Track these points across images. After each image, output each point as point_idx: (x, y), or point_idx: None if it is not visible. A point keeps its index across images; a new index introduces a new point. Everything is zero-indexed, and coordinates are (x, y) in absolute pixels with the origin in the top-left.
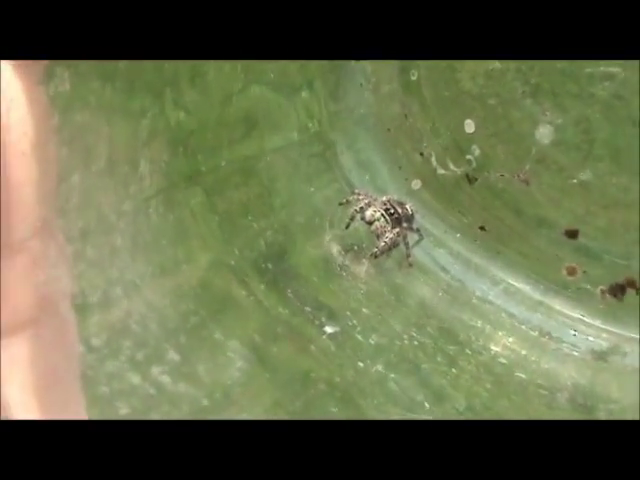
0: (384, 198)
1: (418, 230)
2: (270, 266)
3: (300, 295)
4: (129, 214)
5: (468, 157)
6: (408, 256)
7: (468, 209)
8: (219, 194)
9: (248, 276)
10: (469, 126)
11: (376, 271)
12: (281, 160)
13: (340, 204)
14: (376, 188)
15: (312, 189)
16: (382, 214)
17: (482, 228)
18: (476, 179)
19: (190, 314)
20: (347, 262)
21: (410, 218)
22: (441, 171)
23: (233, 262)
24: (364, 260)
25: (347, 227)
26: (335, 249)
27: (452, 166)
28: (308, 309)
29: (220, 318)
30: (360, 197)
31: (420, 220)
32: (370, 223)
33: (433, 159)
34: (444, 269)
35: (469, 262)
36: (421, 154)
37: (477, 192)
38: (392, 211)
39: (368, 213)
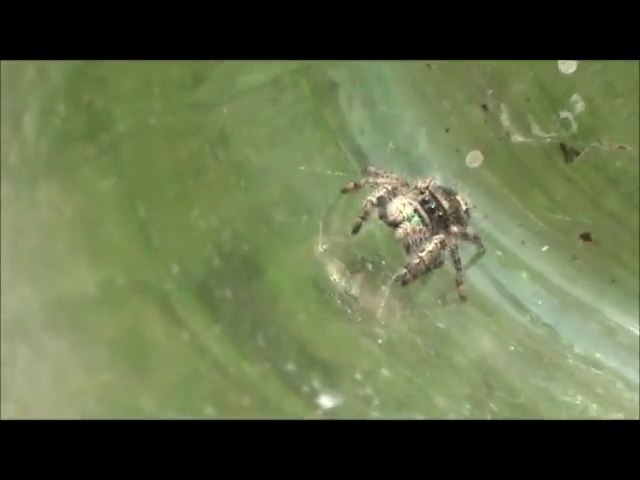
0: (420, 183)
1: (477, 238)
2: (228, 293)
3: (278, 343)
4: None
5: (564, 115)
6: (459, 283)
7: (563, 203)
8: (142, 170)
9: (188, 310)
10: (567, 64)
11: (404, 307)
12: (245, 112)
13: (344, 191)
14: (406, 164)
15: (300, 166)
16: (416, 209)
17: (586, 237)
18: (577, 153)
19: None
20: (354, 290)
21: (463, 217)
22: (518, 138)
23: (167, 286)
24: (383, 288)
25: (355, 230)
26: (334, 267)
27: (537, 130)
28: (291, 367)
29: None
30: (378, 180)
31: (480, 221)
32: (395, 225)
33: (504, 117)
34: (520, 306)
35: (563, 295)
36: (484, 107)
37: (579, 174)
38: (433, 205)
39: (393, 207)
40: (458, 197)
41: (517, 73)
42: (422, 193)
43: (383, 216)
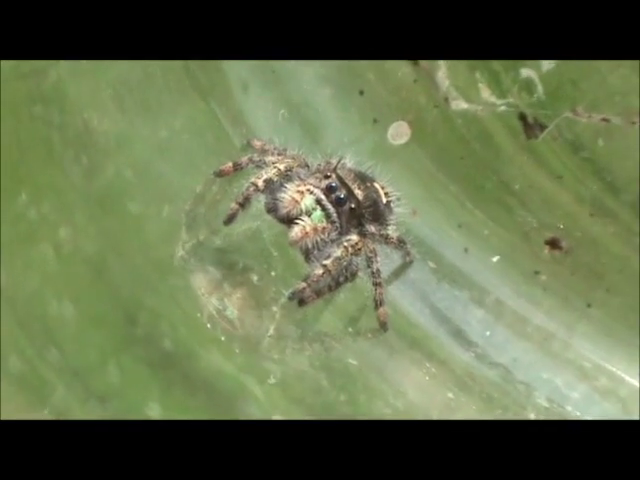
0: (323, 164)
1: (402, 243)
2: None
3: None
4: None
5: (526, 73)
6: (379, 304)
7: (523, 197)
8: None
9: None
10: None
11: (302, 336)
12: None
13: (218, 174)
14: (305, 139)
15: (159, 138)
16: (318, 200)
17: (553, 244)
18: (544, 126)
19: None
20: (231, 310)
21: (383, 213)
22: (460, 104)
23: None
24: (274, 309)
25: (229, 220)
26: (203, 277)
27: (488, 94)
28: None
29: None
30: (267, 158)
31: (408, 218)
32: (290, 221)
33: (441, 74)
34: (463, 337)
35: (521, 323)
36: (413, 60)
37: (546, 156)
38: (342, 195)
39: (286, 196)
40: (376, 185)
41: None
42: (327, 178)
43: (272, 208)
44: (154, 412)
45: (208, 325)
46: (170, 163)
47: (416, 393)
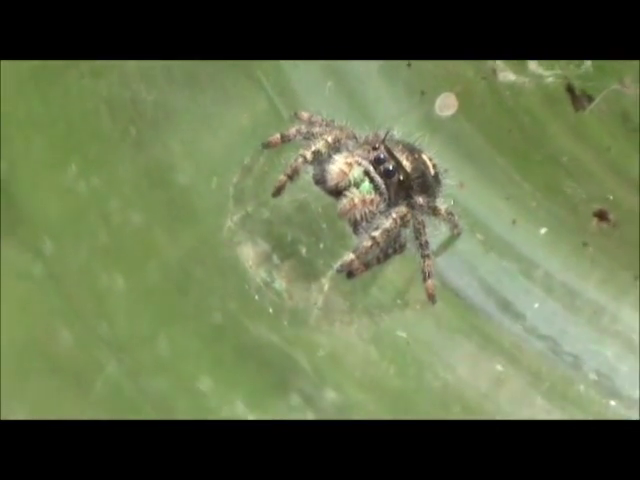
0: (371, 136)
1: (451, 215)
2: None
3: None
4: None
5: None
6: (427, 277)
7: (571, 169)
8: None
9: None
10: None
11: (351, 308)
12: None
13: (266, 145)
14: (352, 111)
15: (208, 112)
16: (367, 171)
17: (601, 216)
18: (591, 98)
19: None
20: (280, 282)
21: (432, 185)
22: (508, 76)
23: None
24: (322, 280)
25: (277, 192)
26: (252, 249)
27: (535, 65)
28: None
29: None
30: (315, 129)
31: (455, 191)
32: (338, 193)
33: None
34: (511, 310)
35: (569, 295)
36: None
37: (593, 128)
38: (390, 166)
39: (334, 168)
40: (424, 156)
41: None
42: (375, 149)
43: (321, 180)
44: (205, 385)
45: (256, 297)
46: (218, 135)
47: (464, 366)
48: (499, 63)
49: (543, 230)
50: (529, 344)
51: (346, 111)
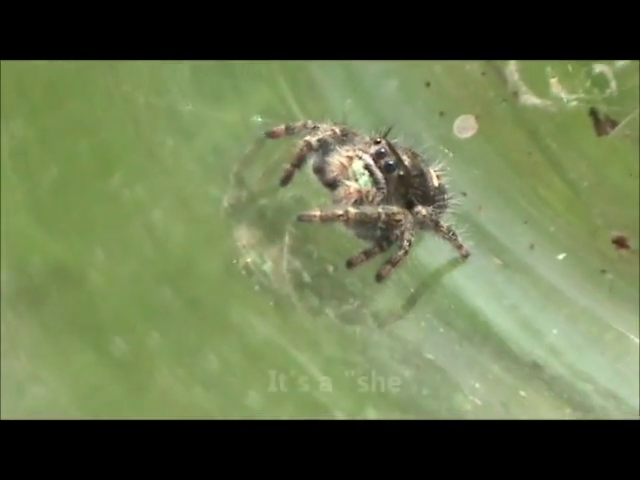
0: (375, 136)
1: (452, 234)
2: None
3: None
4: None
5: (599, 68)
6: (391, 263)
7: (592, 194)
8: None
9: None
10: None
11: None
12: None
13: (269, 134)
14: (371, 129)
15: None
16: (367, 166)
17: (621, 242)
18: (615, 122)
19: None
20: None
21: (435, 195)
22: (529, 99)
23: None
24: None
25: (285, 181)
26: (245, 231)
27: (558, 89)
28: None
29: None
30: (323, 126)
31: (472, 213)
32: (337, 186)
33: (511, 68)
34: (535, 337)
35: (588, 321)
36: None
37: (617, 153)
38: (391, 162)
39: (335, 159)
40: (430, 169)
41: None
42: (376, 143)
43: (320, 170)
44: (252, 399)
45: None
46: (245, 146)
47: (488, 389)
48: (521, 85)
49: (561, 255)
50: (550, 368)
51: (363, 129)
